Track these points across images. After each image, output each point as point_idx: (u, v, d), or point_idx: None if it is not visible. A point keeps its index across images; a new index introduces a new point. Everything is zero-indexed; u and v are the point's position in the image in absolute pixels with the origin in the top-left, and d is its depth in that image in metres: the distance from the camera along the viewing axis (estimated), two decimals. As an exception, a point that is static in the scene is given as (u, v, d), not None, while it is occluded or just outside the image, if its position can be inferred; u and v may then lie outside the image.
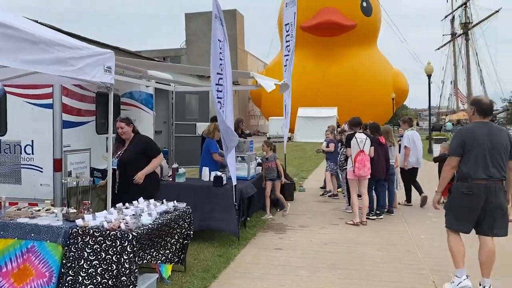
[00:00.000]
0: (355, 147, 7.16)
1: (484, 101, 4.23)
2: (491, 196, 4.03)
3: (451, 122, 62.36)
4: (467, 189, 4.08)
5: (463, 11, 76.01)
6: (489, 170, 4.04)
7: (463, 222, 4.19)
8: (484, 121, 4.19)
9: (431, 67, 22.44)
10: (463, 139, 4.15)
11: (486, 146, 4.05)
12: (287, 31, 10.83)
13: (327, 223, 7.28)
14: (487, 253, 4.13)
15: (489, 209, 4.05)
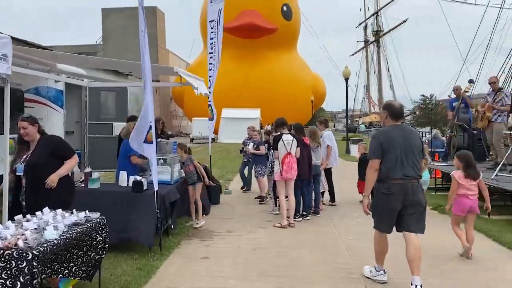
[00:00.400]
0: (282, 149, 6.98)
1: (395, 105, 4.46)
2: (408, 194, 4.20)
3: (364, 124, 66.15)
4: (386, 189, 4.25)
5: (375, 20, 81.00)
6: (405, 170, 4.21)
7: (384, 222, 4.37)
8: (397, 124, 4.40)
9: (348, 71, 23.37)
10: (380, 141, 4.31)
11: (401, 147, 4.23)
12: (211, 28, 10.46)
13: (255, 226, 7.02)
14: (413, 249, 4.24)
15: (408, 206, 4.22)
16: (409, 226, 4.28)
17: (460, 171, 5.47)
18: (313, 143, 7.74)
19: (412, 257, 4.24)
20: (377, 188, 4.38)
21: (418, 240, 4.29)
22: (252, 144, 9.28)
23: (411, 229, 4.28)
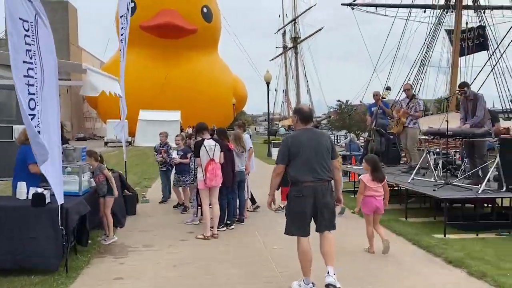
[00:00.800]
0: (204, 155, 6.57)
1: (305, 110, 4.53)
2: (319, 196, 4.30)
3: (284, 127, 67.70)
4: (298, 192, 4.31)
5: (292, 26, 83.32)
6: (315, 172, 4.30)
7: (297, 225, 4.37)
8: (306, 127, 4.47)
9: (269, 75, 23.54)
10: (289, 146, 4.37)
11: (311, 150, 4.32)
12: (122, 24, 9.78)
13: (175, 239, 6.53)
14: (325, 244, 4.43)
15: (319, 208, 4.33)
16: (323, 227, 4.42)
17: (368, 174, 5.79)
18: (237, 148, 7.42)
19: (326, 250, 4.42)
20: (289, 192, 4.41)
21: (331, 234, 4.48)
22: (177, 153, 8.66)
23: (326, 229, 4.44)
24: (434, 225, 7.28)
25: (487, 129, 6.92)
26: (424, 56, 33.88)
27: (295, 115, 4.54)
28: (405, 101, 9.47)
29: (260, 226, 7.34)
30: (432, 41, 34.35)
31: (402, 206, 8.97)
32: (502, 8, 33.83)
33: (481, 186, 6.71)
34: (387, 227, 7.18)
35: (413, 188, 7.49)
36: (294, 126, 4.64)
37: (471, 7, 34.06)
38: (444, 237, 6.51)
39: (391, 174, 9.09)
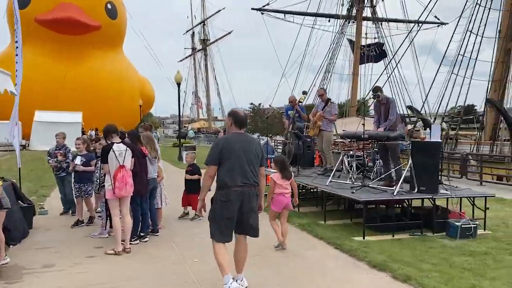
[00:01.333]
0: (113, 161, 5.90)
1: (240, 114, 4.51)
2: (245, 200, 4.30)
3: (193, 130, 66.78)
4: (225, 197, 4.25)
5: (202, 28, 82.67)
6: (244, 177, 4.29)
7: (224, 231, 4.30)
8: (240, 131, 4.46)
9: (180, 76, 22.82)
10: (220, 148, 4.32)
11: (241, 154, 4.29)
12: (16, 16, 8.64)
13: (80, 256, 5.75)
14: (242, 251, 4.46)
15: (244, 212, 4.31)
16: (246, 231, 4.43)
17: (277, 173, 6.13)
18: (151, 153, 6.81)
19: (239, 257, 4.45)
20: (216, 196, 4.34)
21: (246, 243, 4.50)
22: (80, 159, 7.55)
23: (249, 234, 4.45)
24: (352, 227, 7.35)
25: (400, 132, 7.16)
26: (328, 63, 35.58)
27: (230, 118, 4.48)
28: (320, 105, 9.56)
29: (177, 237, 6.82)
30: (336, 49, 36.22)
31: (318, 208, 9.05)
32: (396, 21, 36.72)
33: (396, 187, 6.90)
34: (308, 231, 7.11)
35: (332, 191, 7.50)
36: (228, 128, 4.58)
37: (370, 19, 36.49)
38: (363, 239, 6.56)
39: (308, 177, 9.11)
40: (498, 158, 17.45)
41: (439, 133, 7.33)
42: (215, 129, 65.25)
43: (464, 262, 5.53)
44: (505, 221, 8.09)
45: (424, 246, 6.25)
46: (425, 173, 7.09)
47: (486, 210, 7.38)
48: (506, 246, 6.30)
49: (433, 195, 6.97)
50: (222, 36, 77.63)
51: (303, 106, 10.71)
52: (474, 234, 6.77)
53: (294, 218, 7.99)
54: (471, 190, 7.99)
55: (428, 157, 7.05)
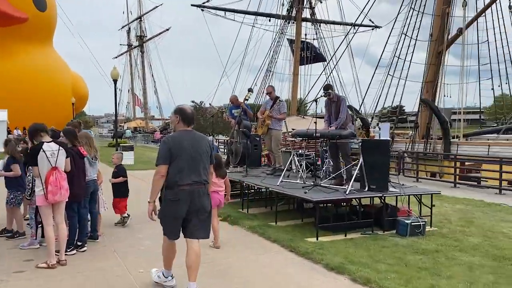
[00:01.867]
0: (44, 163, 5.23)
1: (188, 111, 4.40)
2: (195, 199, 4.19)
3: (130, 129, 64.48)
4: (174, 196, 4.16)
5: (138, 24, 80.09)
6: (194, 175, 4.20)
7: (171, 229, 4.27)
8: (188, 129, 4.36)
9: (117, 72, 21.71)
10: (169, 147, 4.20)
11: (190, 153, 4.21)
12: None
13: (7, 272, 5.03)
14: (194, 256, 4.27)
15: (193, 212, 4.21)
16: (194, 233, 4.30)
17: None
18: (90, 152, 6.19)
19: (191, 264, 4.27)
20: (164, 195, 4.24)
21: (199, 246, 4.34)
22: (2, 163, 6.70)
23: (196, 236, 4.32)
24: (304, 228, 7.17)
25: (351, 131, 7.08)
26: (270, 62, 35.73)
27: (177, 115, 4.34)
28: (269, 103, 9.33)
29: (119, 245, 6.23)
30: (276, 49, 36.46)
31: (268, 209, 8.81)
32: (334, 23, 37.69)
33: (348, 186, 6.80)
34: (260, 233, 6.83)
35: (284, 191, 7.28)
36: (175, 126, 4.41)
37: (309, 20, 37.13)
38: (317, 240, 6.40)
39: (257, 177, 8.85)
40: (431, 156, 18.30)
41: (388, 132, 7.33)
42: (152, 129, 63.49)
43: (418, 261, 5.51)
44: (447, 217, 8.32)
45: (377, 245, 6.19)
46: (375, 172, 7.07)
47: (432, 207, 7.53)
48: (454, 243, 6.41)
49: (384, 193, 6.97)
50: (160, 33, 75.69)
51: (249, 106, 10.41)
52: (423, 232, 6.84)
53: (244, 220, 7.69)
54: (418, 188, 8.13)
55: (377, 155, 7.04)
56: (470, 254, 5.85)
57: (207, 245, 5.91)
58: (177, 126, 4.36)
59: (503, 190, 12.48)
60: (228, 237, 6.70)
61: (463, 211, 9.23)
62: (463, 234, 7.00)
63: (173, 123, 4.47)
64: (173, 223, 4.24)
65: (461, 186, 13.71)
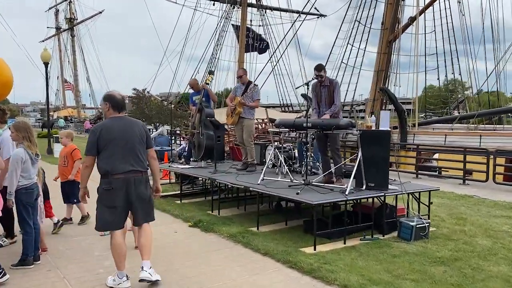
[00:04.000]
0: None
1: (117, 97, 4.30)
2: (131, 188, 4.12)
3: (62, 118, 60.09)
4: (107, 185, 4.08)
5: (67, 6, 74.54)
6: (128, 163, 4.11)
7: (110, 220, 4.12)
8: (119, 115, 4.26)
9: (48, 54, 19.30)
10: (98, 136, 4.10)
11: (122, 140, 4.11)
12: None
13: None
14: (145, 236, 4.27)
15: (133, 201, 4.15)
16: (140, 220, 4.29)
17: None
18: (31, 148, 4.69)
19: (144, 242, 4.26)
20: (99, 185, 4.15)
21: (149, 227, 4.34)
22: None
23: (141, 222, 4.29)
24: (292, 234, 6.11)
25: (350, 120, 6.09)
26: (214, 48, 34.22)
27: (106, 102, 4.23)
28: (239, 89, 8.12)
29: (64, 263, 4.81)
30: (221, 35, 34.99)
31: (241, 209, 7.66)
32: (280, 10, 36.88)
33: (348, 185, 5.82)
34: (244, 243, 5.67)
35: (269, 192, 6.16)
36: (105, 114, 4.27)
37: (254, 6, 36.02)
38: (315, 250, 5.37)
39: (228, 174, 7.67)
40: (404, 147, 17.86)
41: (388, 121, 6.43)
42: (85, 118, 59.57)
43: (444, 274, 4.66)
44: (436, 214, 7.65)
45: (386, 255, 5.28)
46: (373, 167, 6.17)
47: (430, 204, 6.80)
48: (467, 247, 5.66)
49: (385, 192, 6.08)
50: (92, 16, 70.90)
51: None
52: (428, 234, 6.05)
53: (219, 225, 6.49)
54: (416, 184, 7.36)
55: (376, 148, 6.14)
56: (494, 262, 5.11)
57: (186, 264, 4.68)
58: (108, 114, 4.25)
59: (466, 181, 12.28)
60: (207, 249, 5.50)
61: (444, 205, 8.66)
62: (467, 235, 6.30)
63: (103, 111, 4.28)
64: (109, 212, 4.10)
65: (422, 177, 13.40)
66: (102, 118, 54.76)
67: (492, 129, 20.37)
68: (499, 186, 11.54)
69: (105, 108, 4.24)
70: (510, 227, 6.90)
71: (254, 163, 8.14)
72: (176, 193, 8.91)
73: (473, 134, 16.49)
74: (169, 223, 6.86)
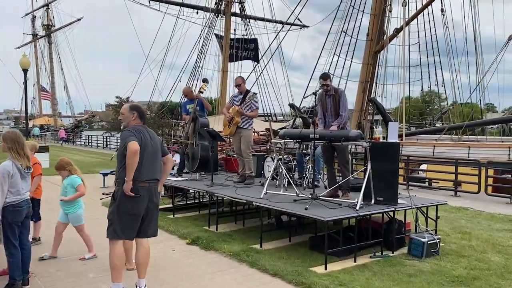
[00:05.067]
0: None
1: (141, 107, 4.42)
2: (153, 197, 4.14)
3: (37, 127, 58.49)
4: (135, 192, 3.98)
5: (45, 12, 73.11)
6: (152, 172, 4.13)
7: (129, 228, 4.07)
8: (144, 125, 4.30)
9: (27, 61, 18.57)
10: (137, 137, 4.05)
11: (150, 148, 4.13)
12: None
13: None
14: (144, 254, 4.21)
15: (150, 210, 4.14)
16: (147, 231, 4.24)
17: None
18: (21, 161, 4.26)
19: (142, 262, 4.21)
20: (118, 191, 4.04)
21: (148, 244, 4.28)
22: None
23: (149, 234, 4.26)
24: (299, 252, 5.78)
25: (359, 132, 5.82)
26: (198, 57, 33.86)
27: (134, 112, 4.25)
28: (237, 98, 7.80)
29: (52, 283, 4.38)
30: (204, 44, 34.64)
31: (239, 225, 7.29)
32: (264, 20, 36.85)
33: (358, 200, 5.54)
34: (250, 263, 5.30)
35: (275, 207, 5.82)
36: (129, 122, 4.24)
37: (238, 15, 35.87)
38: (326, 270, 5.06)
39: (226, 187, 7.30)
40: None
41: (397, 132, 6.21)
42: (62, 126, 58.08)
43: (467, 295, 4.41)
44: (440, 228, 7.41)
45: (401, 274, 5.01)
46: (382, 181, 5.92)
47: (437, 219, 6.59)
48: (481, 265, 5.44)
49: (395, 207, 5.83)
50: (70, 23, 69.63)
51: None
52: (439, 251, 5.81)
53: (219, 242, 6.12)
54: (422, 198, 7.13)
55: (385, 161, 5.89)
56: (513, 281, 4.90)
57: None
58: (133, 122, 4.22)
59: (458, 192, 12.21)
60: (210, 270, 5.12)
61: (444, 218, 8.45)
62: (477, 251, 6.09)
63: (127, 119, 4.24)
64: (130, 220, 4.05)
65: (413, 188, 13.28)
66: (79, 127, 53.21)
67: (476, 140, 20.58)
68: (491, 197, 11.52)
69: (131, 117, 4.24)
70: (516, 241, 6.74)
71: (252, 176, 7.81)
72: (169, 206, 8.49)
73: (462, 145, 16.56)
74: (165, 240, 6.43)
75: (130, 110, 4.28)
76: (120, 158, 4.07)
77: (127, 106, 4.34)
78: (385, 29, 21.80)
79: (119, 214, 4.05)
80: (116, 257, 4.06)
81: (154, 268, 5.03)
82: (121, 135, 4.20)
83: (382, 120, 17.60)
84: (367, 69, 22.06)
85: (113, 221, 4.06)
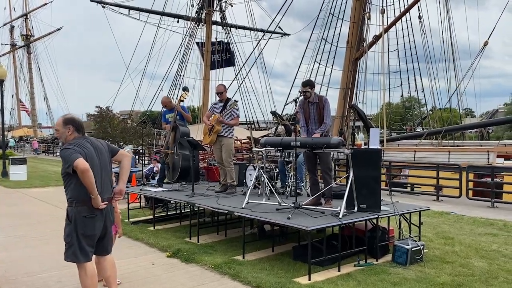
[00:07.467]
0: None
1: (77, 119, 4.07)
2: (109, 216, 4.00)
3: (14, 138, 57.25)
4: (90, 212, 3.81)
5: (23, 22, 72.04)
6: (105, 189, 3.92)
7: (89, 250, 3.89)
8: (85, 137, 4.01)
9: (4, 71, 18.14)
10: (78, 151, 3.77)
11: (98, 163, 3.87)
12: None
13: None
14: (111, 267, 4.12)
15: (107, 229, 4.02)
16: (107, 248, 4.11)
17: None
18: None
19: (110, 273, 4.12)
20: (77, 212, 3.78)
21: (112, 256, 4.18)
22: None
23: (109, 250, 4.15)
24: (281, 262, 5.66)
25: (341, 139, 5.76)
26: (180, 64, 33.67)
27: (69, 126, 3.88)
28: (218, 106, 7.69)
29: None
30: (186, 52, 34.50)
31: (221, 235, 7.14)
32: (245, 28, 36.91)
33: (341, 208, 5.46)
34: (232, 275, 5.17)
35: (257, 217, 5.70)
36: (66, 138, 3.89)
37: (219, 23, 35.87)
38: (309, 280, 4.95)
39: (208, 197, 7.16)
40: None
41: (378, 139, 6.17)
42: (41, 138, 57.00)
43: (452, 303, 4.35)
44: (423, 234, 7.38)
45: (386, 283, 4.93)
46: (364, 187, 5.86)
47: (421, 225, 6.56)
48: (466, 271, 5.40)
49: (379, 214, 5.77)
50: (49, 33, 68.75)
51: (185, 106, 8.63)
52: (423, 257, 5.76)
53: (201, 255, 5.97)
54: (405, 204, 7.09)
55: (367, 167, 5.84)
56: (497, 287, 4.86)
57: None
58: (70, 137, 3.87)
59: (440, 197, 12.29)
60: (191, 284, 4.96)
61: (427, 223, 8.44)
62: (461, 257, 6.06)
63: (63, 135, 3.90)
64: (89, 242, 3.86)
65: (395, 193, 13.31)
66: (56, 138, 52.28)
67: (453, 144, 20.86)
68: (472, 201, 11.62)
69: (67, 132, 3.87)
70: (498, 245, 6.75)
71: (234, 185, 7.68)
72: (149, 218, 8.28)
73: (442, 150, 16.73)
74: (144, 253, 6.24)
75: (64, 125, 3.90)
76: (67, 178, 3.77)
77: (60, 121, 3.93)
78: (364, 36, 21.99)
79: (78, 236, 3.82)
80: (89, 278, 3.83)
81: (132, 284, 4.85)
82: (60, 153, 3.80)
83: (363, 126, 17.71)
84: (348, 76, 22.21)
85: (72, 243, 3.82)
